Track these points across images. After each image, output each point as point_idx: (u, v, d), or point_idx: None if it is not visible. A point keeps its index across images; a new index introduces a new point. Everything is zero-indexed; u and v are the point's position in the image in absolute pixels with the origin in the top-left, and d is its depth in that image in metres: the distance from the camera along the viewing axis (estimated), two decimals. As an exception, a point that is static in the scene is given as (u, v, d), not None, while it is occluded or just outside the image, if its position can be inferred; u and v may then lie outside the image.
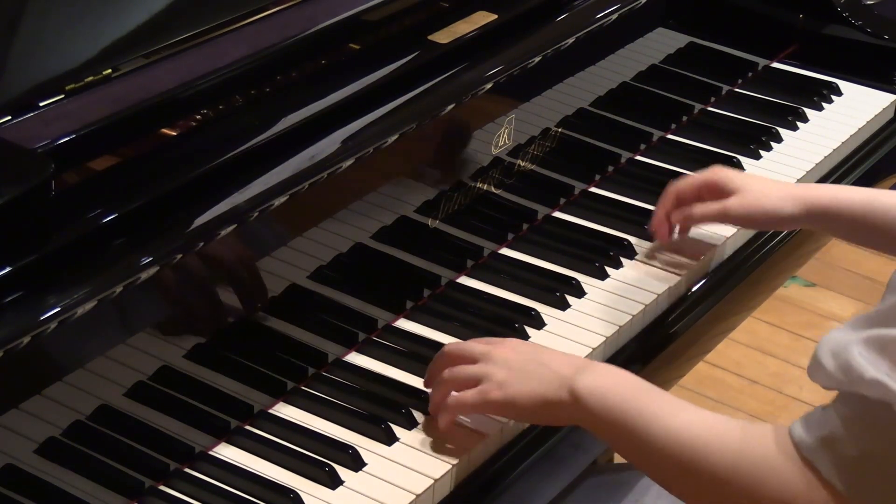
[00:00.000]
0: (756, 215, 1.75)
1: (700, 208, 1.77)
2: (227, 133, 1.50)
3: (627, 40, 2.06)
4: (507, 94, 1.81)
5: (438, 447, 1.49)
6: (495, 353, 1.48)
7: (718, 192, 1.77)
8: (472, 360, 1.49)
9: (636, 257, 1.83)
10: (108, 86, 1.45)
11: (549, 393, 1.43)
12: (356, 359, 1.62)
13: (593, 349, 1.65)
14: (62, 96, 1.41)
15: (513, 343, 1.52)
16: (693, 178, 1.80)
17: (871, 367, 1.19)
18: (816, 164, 2.05)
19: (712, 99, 2.19)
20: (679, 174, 1.99)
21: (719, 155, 2.04)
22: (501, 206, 1.85)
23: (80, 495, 1.37)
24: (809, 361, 1.26)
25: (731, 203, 1.75)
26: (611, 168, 2.01)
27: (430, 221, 1.74)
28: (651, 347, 1.73)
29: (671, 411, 1.36)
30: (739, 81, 2.24)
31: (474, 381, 1.47)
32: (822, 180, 2.07)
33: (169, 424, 1.44)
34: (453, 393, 1.49)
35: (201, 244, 1.42)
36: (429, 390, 1.54)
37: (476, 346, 1.51)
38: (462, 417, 1.51)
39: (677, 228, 1.82)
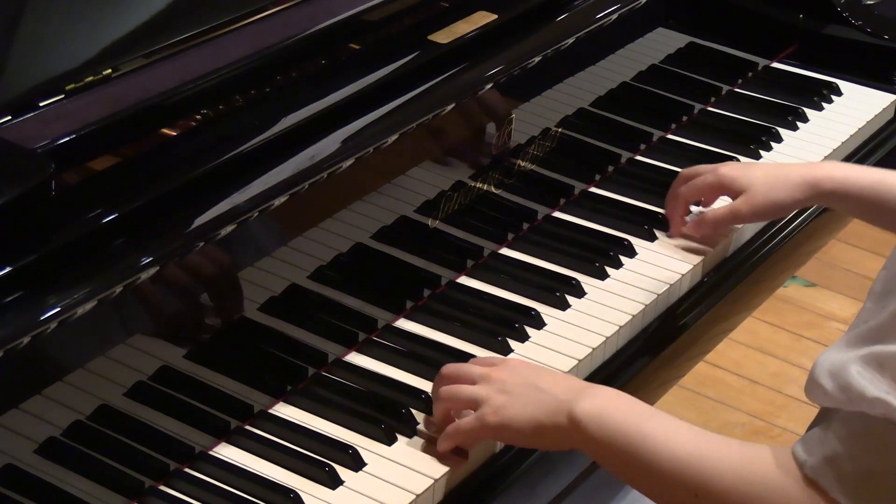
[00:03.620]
0: (767, 211, 1.80)
1: (712, 216, 1.82)
2: (227, 133, 1.50)
3: (627, 40, 2.06)
4: (507, 94, 1.81)
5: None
6: (493, 376, 1.46)
7: (725, 192, 1.82)
8: (471, 381, 1.47)
9: (636, 257, 1.83)
10: (108, 86, 1.45)
11: (544, 418, 1.41)
12: (356, 359, 1.62)
13: (593, 349, 1.65)
14: (62, 96, 1.41)
15: (512, 365, 1.50)
16: (699, 186, 1.83)
17: (871, 385, 1.19)
18: (816, 164, 2.05)
19: (712, 99, 2.19)
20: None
21: (719, 155, 2.04)
22: (501, 206, 1.84)
23: (80, 495, 1.37)
24: (806, 381, 1.26)
25: (741, 205, 1.79)
26: (611, 168, 2.00)
27: (430, 221, 1.74)
28: (651, 347, 1.73)
29: (673, 434, 1.34)
30: (739, 81, 2.24)
31: (473, 403, 1.46)
32: (822, 180, 2.07)
33: (169, 424, 1.44)
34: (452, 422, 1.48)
35: (201, 244, 1.42)
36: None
37: (474, 367, 1.49)
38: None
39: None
